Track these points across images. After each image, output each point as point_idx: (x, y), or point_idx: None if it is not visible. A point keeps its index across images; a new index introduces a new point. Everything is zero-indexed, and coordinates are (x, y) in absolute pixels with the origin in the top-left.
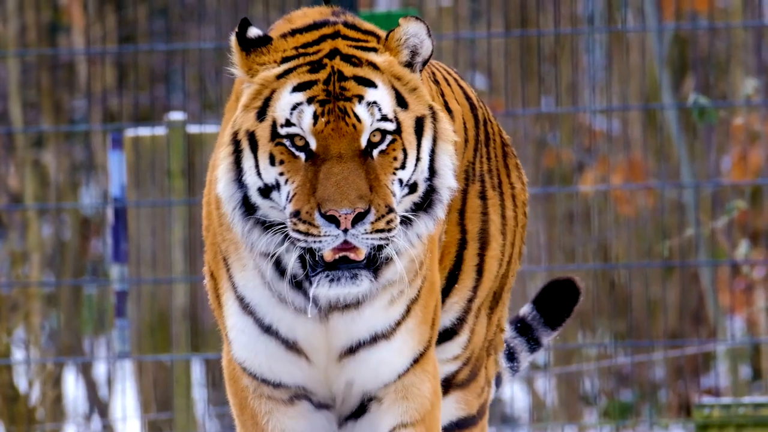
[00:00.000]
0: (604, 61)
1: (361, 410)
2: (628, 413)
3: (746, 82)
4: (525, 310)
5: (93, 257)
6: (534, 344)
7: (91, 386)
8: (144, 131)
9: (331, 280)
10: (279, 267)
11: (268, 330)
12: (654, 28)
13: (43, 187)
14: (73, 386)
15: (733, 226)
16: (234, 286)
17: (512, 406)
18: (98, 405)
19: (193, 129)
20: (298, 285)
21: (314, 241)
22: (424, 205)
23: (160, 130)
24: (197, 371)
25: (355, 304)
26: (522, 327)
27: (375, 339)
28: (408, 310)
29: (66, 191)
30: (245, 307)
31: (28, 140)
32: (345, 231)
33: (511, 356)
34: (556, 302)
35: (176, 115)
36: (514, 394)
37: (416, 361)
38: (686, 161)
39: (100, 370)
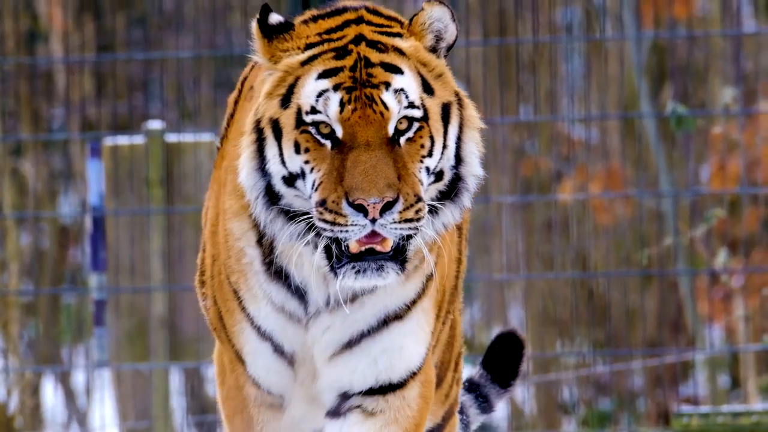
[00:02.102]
0: (582, 69)
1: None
2: (606, 422)
3: (725, 91)
4: (473, 371)
5: (71, 266)
6: (484, 403)
7: (69, 395)
8: (122, 140)
9: (357, 272)
10: (288, 285)
11: (281, 352)
12: (632, 37)
13: (21, 195)
14: (51, 395)
15: (712, 235)
16: (250, 317)
17: (490, 415)
18: (77, 414)
19: (172, 138)
20: (297, 291)
21: (341, 231)
22: (451, 193)
23: (138, 139)
24: (176, 380)
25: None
26: (471, 386)
27: (386, 322)
28: (424, 289)
29: (44, 200)
30: (263, 334)
31: (6, 149)
32: (373, 221)
33: (461, 410)
34: (503, 359)
35: (155, 124)
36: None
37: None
38: (665, 170)
39: (78, 379)
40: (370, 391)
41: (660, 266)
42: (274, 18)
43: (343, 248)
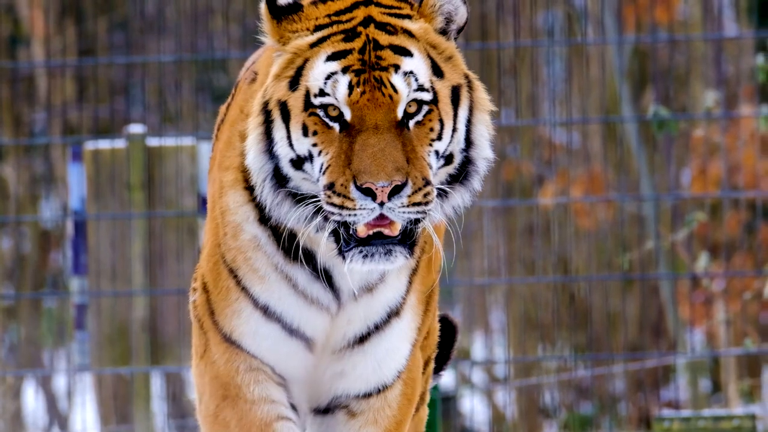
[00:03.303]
0: (563, 73)
1: (327, 411)
2: (588, 426)
3: (706, 95)
4: None
5: (53, 270)
6: None
7: (50, 399)
8: (104, 144)
9: (365, 256)
10: (297, 251)
11: (297, 335)
12: (614, 41)
13: (2, 199)
14: (32, 399)
15: (693, 239)
16: (253, 297)
17: (472, 420)
18: (58, 418)
19: (153, 142)
20: (324, 275)
21: (349, 215)
22: (460, 177)
23: (119, 143)
24: (157, 384)
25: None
26: None
27: (389, 317)
28: (410, 283)
29: (26, 204)
30: (270, 314)
31: None
32: (381, 204)
33: None
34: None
35: (136, 128)
36: (474, 407)
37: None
38: (646, 174)
39: (59, 382)
40: (363, 394)
41: (641, 270)
42: None
43: (351, 232)
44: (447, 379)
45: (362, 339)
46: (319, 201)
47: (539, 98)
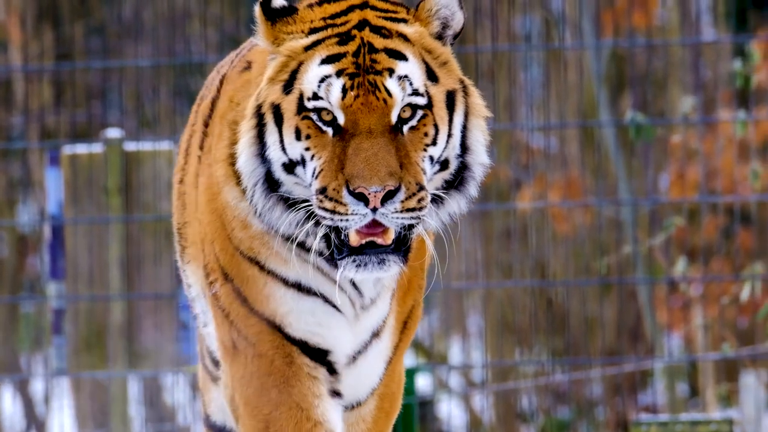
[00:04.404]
0: (541, 78)
1: None
2: (565, 430)
3: (684, 100)
4: None
5: (30, 274)
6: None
7: (28, 403)
8: (81, 148)
9: (358, 265)
10: (304, 246)
11: (335, 307)
12: (591, 46)
13: None
14: (10, 403)
15: (671, 244)
16: (282, 277)
17: (449, 424)
18: (35, 422)
19: (130, 146)
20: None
21: (341, 220)
22: (456, 182)
23: (97, 148)
24: (134, 389)
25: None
26: None
27: (372, 336)
28: (389, 305)
29: (3, 208)
30: (307, 291)
31: None
32: (374, 210)
33: None
34: None
35: (113, 132)
36: (452, 412)
37: (385, 371)
38: (624, 179)
39: (37, 387)
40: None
41: (619, 275)
42: (278, 1)
43: (343, 238)
44: (424, 383)
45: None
46: (311, 206)
47: (517, 102)
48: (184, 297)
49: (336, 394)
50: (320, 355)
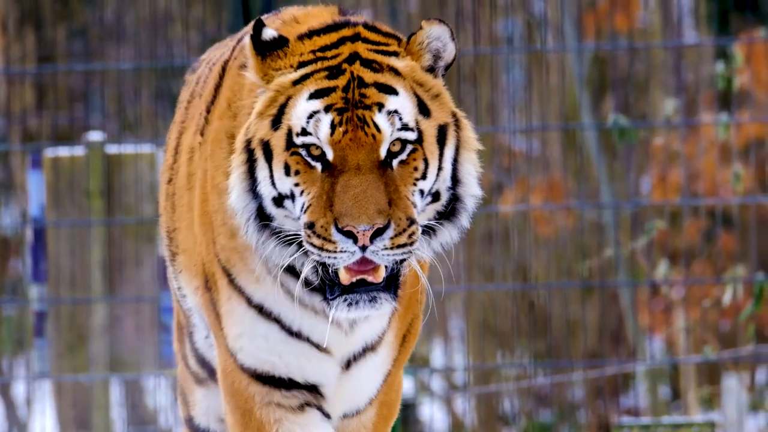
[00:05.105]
0: (523, 81)
1: None
2: None
3: (666, 103)
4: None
5: (12, 277)
6: None
7: (10, 406)
8: (63, 151)
9: (350, 304)
10: (296, 275)
11: (297, 335)
12: (573, 48)
13: None
14: None
15: (653, 247)
16: (246, 296)
17: (431, 427)
18: (17, 425)
19: (112, 149)
20: (315, 289)
21: (328, 257)
22: (448, 213)
23: (79, 151)
24: (116, 392)
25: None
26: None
27: (365, 351)
28: (389, 322)
29: None
30: (267, 314)
31: None
32: (363, 248)
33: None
34: None
35: (95, 135)
36: (433, 415)
37: (383, 383)
38: (606, 181)
39: (19, 390)
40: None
41: (601, 278)
42: (268, 33)
43: (331, 275)
44: (406, 386)
45: (348, 365)
46: (301, 238)
47: (499, 105)
48: (166, 300)
49: (312, 406)
50: (275, 380)
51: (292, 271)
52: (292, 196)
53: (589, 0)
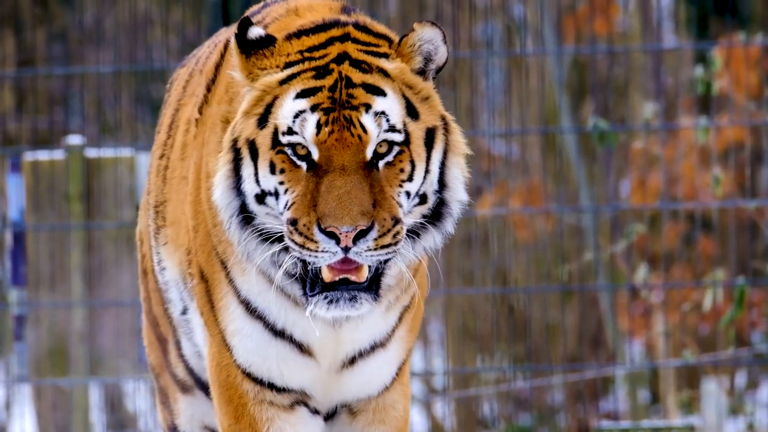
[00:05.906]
0: (502, 84)
1: (332, 414)
2: None
3: (645, 106)
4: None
5: None
6: None
7: None
8: (42, 155)
9: (329, 302)
10: (280, 267)
11: (280, 334)
12: (553, 52)
13: None
14: None
15: (632, 250)
16: (236, 290)
17: (411, 430)
18: None
19: (92, 153)
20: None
21: (310, 255)
22: (434, 217)
23: (58, 154)
24: (95, 395)
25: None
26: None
27: (373, 348)
28: (401, 318)
29: None
30: (252, 311)
31: None
32: (346, 249)
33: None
34: None
35: (74, 139)
36: (413, 419)
37: (398, 372)
38: (585, 185)
39: None
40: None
41: (580, 281)
42: (254, 32)
43: (312, 274)
44: None
45: (352, 361)
46: (284, 235)
47: (478, 109)
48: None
49: (300, 403)
50: (263, 381)
51: (275, 264)
52: (276, 194)
53: (569, 4)
